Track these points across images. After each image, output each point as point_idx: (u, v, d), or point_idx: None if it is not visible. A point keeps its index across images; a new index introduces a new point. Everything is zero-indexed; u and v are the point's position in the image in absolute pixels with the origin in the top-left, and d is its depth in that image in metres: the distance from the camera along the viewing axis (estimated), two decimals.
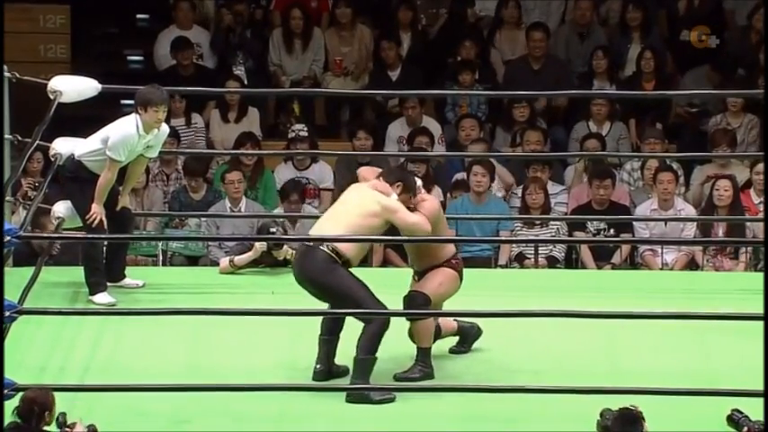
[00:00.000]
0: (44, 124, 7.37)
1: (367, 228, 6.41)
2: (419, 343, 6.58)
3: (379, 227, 6.45)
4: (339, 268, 6.36)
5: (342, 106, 11.21)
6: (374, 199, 6.46)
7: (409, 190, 6.53)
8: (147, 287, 7.60)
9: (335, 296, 6.38)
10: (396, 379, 6.53)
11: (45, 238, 7.87)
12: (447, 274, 6.60)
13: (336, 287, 6.35)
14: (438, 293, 6.57)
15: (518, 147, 10.26)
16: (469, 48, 11.07)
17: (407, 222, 6.44)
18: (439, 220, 6.61)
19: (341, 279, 6.34)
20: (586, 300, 7.33)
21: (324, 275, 6.35)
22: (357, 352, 6.37)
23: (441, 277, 6.59)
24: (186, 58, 10.95)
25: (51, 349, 6.76)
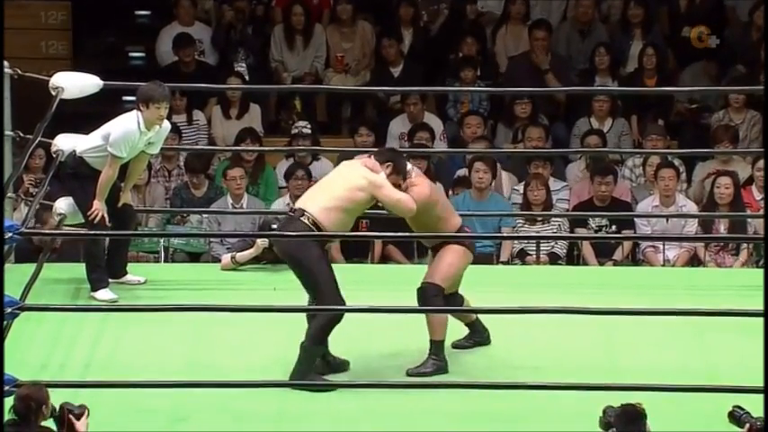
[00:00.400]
0: (46, 121, 7.37)
1: (352, 201, 6.42)
2: (432, 335, 6.57)
3: (364, 201, 6.46)
4: (314, 247, 6.36)
5: (343, 103, 11.21)
6: (361, 173, 6.48)
7: (399, 171, 6.52)
8: (148, 284, 7.60)
9: (304, 277, 6.41)
10: (408, 374, 6.53)
11: (47, 234, 7.87)
12: (455, 251, 6.58)
13: (306, 268, 6.36)
14: (449, 276, 6.57)
15: (519, 143, 10.26)
16: (471, 44, 11.06)
17: (392, 198, 6.43)
18: (433, 204, 6.57)
19: (310, 261, 6.34)
20: (588, 296, 7.33)
21: (297, 251, 6.38)
22: (305, 339, 6.38)
23: (449, 257, 6.58)
24: (188, 54, 10.95)
25: (53, 346, 6.76)
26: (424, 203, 6.54)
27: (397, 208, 6.48)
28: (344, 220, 6.45)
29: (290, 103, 10.95)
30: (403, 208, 6.47)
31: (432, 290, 6.53)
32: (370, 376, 6.48)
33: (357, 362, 6.66)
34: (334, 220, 6.40)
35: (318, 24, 11.31)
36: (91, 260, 7.36)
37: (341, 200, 6.41)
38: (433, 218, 6.59)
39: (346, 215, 6.45)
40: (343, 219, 6.44)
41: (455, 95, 10.89)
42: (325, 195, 6.44)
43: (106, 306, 7.17)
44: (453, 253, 6.58)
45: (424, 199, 6.54)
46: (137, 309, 6.94)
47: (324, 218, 6.39)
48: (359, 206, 6.47)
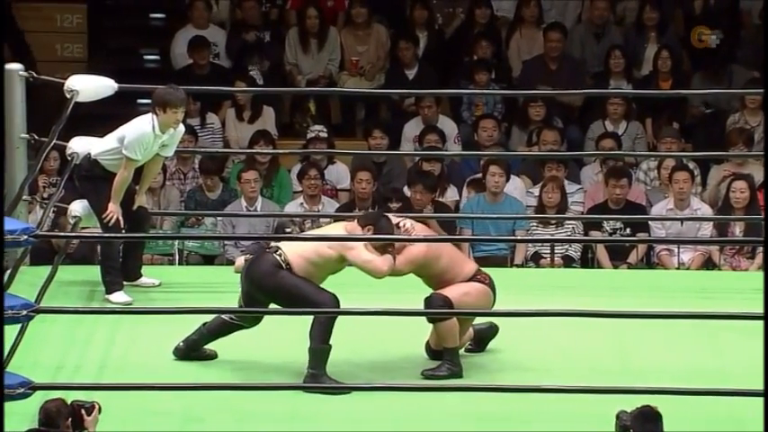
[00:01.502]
0: (61, 123, 7.39)
1: (321, 255, 6.40)
2: (444, 343, 6.56)
3: (333, 259, 6.42)
4: (280, 271, 6.40)
5: (357, 105, 11.21)
6: (336, 233, 6.54)
7: (380, 231, 6.45)
8: (163, 286, 7.62)
9: (283, 297, 6.42)
10: (423, 375, 6.53)
11: (62, 236, 7.89)
12: (474, 286, 6.56)
13: (282, 288, 6.39)
14: (462, 302, 6.50)
15: (534, 146, 10.26)
16: (485, 47, 11.06)
17: (361, 259, 6.39)
18: (433, 259, 6.50)
19: (283, 279, 6.38)
20: (602, 299, 7.32)
21: (266, 278, 6.41)
22: (310, 341, 6.39)
23: (467, 288, 6.54)
24: (202, 57, 10.97)
25: (67, 348, 6.78)
26: (424, 260, 6.50)
27: (366, 270, 6.45)
28: (313, 272, 6.44)
29: (304, 105, 10.96)
30: (372, 270, 6.43)
31: (438, 299, 6.50)
32: (382, 378, 6.48)
33: (370, 364, 6.66)
34: (303, 267, 6.42)
35: (333, 27, 11.31)
36: (106, 262, 7.38)
37: (311, 252, 6.43)
38: (438, 271, 6.55)
39: (315, 268, 6.44)
40: (312, 271, 6.43)
41: (469, 98, 10.88)
42: (301, 244, 6.50)
43: (120, 308, 7.18)
44: (471, 286, 6.55)
45: (420, 258, 6.50)
46: (151, 311, 6.95)
47: (294, 262, 6.42)
48: (327, 262, 6.44)
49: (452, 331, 6.54)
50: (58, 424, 5.34)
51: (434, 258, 6.52)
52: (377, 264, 6.39)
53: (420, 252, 6.49)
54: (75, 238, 7.89)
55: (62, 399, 5.46)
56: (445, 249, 6.58)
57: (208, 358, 6.67)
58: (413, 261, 6.50)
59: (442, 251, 6.55)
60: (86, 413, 5.44)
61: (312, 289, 6.40)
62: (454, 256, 6.63)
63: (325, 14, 11.31)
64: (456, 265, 6.58)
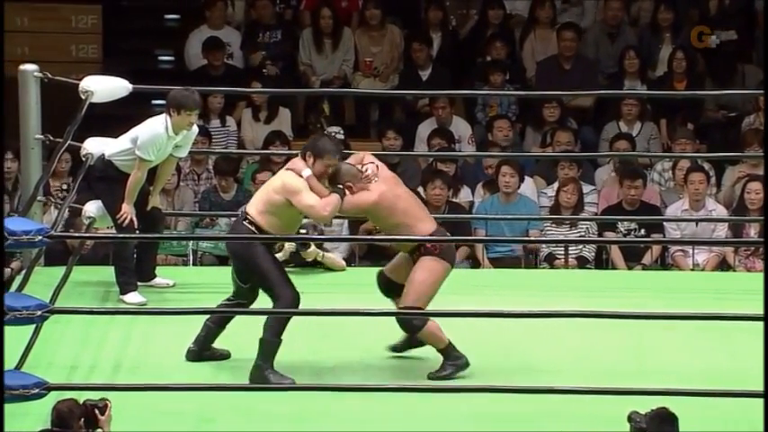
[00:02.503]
0: (75, 124, 7.40)
1: (273, 204, 6.46)
2: (435, 347, 6.56)
3: (283, 205, 6.45)
4: (258, 245, 6.44)
5: (371, 106, 11.22)
6: (281, 176, 6.54)
7: (321, 155, 6.44)
8: (177, 287, 7.62)
9: (255, 278, 6.48)
10: (429, 378, 6.52)
11: (76, 237, 7.90)
12: (426, 267, 6.50)
13: (254, 267, 6.44)
14: (423, 294, 6.48)
15: (548, 147, 10.25)
16: (500, 48, 11.05)
17: (303, 204, 6.41)
18: (387, 210, 6.48)
19: (255, 257, 6.44)
20: (616, 300, 7.30)
21: (242, 249, 6.48)
22: (263, 332, 6.41)
23: (420, 274, 6.49)
24: (217, 58, 10.98)
25: (82, 348, 6.78)
26: (374, 210, 6.50)
27: (308, 214, 6.49)
28: (278, 221, 6.48)
29: (318, 106, 10.96)
30: (314, 215, 6.47)
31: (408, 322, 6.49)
32: (393, 380, 6.49)
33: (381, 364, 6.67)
34: (269, 223, 6.48)
35: (347, 28, 11.32)
36: (120, 263, 7.38)
37: (266, 204, 6.50)
38: (390, 224, 6.53)
39: (277, 217, 6.48)
40: (276, 220, 6.48)
41: (483, 99, 10.88)
42: (258, 199, 6.56)
43: (135, 309, 7.19)
44: (424, 270, 6.50)
45: (368, 205, 6.48)
46: (165, 312, 6.96)
47: (261, 220, 6.49)
48: (280, 209, 6.47)
49: (434, 334, 6.53)
50: (71, 425, 5.34)
51: (386, 210, 6.49)
52: (317, 209, 6.40)
53: (369, 200, 6.48)
54: (89, 239, 7.89)
55: (74, 399, 5.46)
56: (401, 204, 6.53)
57: (221, 358, 6.68)
58: (359, 206, 6.51)
59: (397, 206, 6.51)
60: (100, 412, 5.44)
61: (279, 280, 6.44)
62: (410, 213, 6.55)
63: (339, 15, 11.31)
64: (413, 221, 6.53)
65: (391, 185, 6.58)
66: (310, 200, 6.41)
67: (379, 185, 6.51)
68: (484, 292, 7.67)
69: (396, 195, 6.53)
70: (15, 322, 5.96)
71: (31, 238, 5.96)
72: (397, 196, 6.54)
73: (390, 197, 6.51)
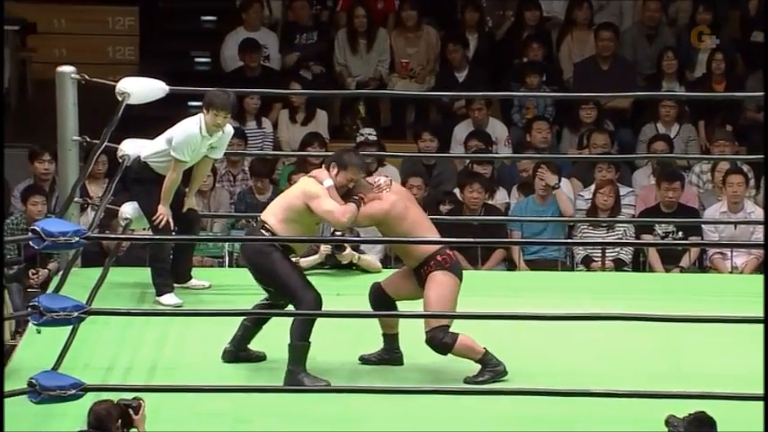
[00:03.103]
0: (112, 126, 7.42)
1: (292, 210, 6.48)
2: (473, 359, 6.54)
3: (302, 210, 6.48)
4: (274, 252, 6.44)
5: (407, 108, 11.20)
6: (300, 185, 6.58)
7: (345, 167, 6.49)
8: (213, 288, 7.63)
9: (273, 283, 6.50)
10: (465, 382, 6.51)
11: (112, 238, 7.92)
12: (437, 284, 6.47)
13: (273, 273, 6.46)
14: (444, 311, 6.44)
15: (585, 149, 10.20)
16: (537, 49, 11.02)
17: (321, 209, 6.44)
18: (395, 221, 6.50)
19: (275, 264, 6.44)
20: (654, 303, 7.26)
21: (256, 256, 6.49)
22: (290, 338, 6.42)
23: (433, 293, 6.47)
24: (253, 59, 10.99)
25: (118, 349, 6.80)
26: (385, 218, 6.51)
27: (328, 220, 6.50)
28: (297, 229, 6.50)
29: (354, 108, 10.95)
30: (331, 220, 6.49)
31: (437, 337, 6.46)
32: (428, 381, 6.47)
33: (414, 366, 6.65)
34: (288, 231, 6.49)
35: (382, 29, 11.31)
36: (156, 265, 7.39)
37: (286, 210, 6.52)
38: (399, 233, 6.53)
39: (297, 224, 6.50)
40: (295, 228, 6.50)
41: (520, 101, 10.84)
42: (276, 207, 6.58)
43: (171, 310, 7.20)
44: (437, 286, 6.47)
45: (381, 214, 6.50)
46: (201, 313, 6.96)
47: (279, 229, 6.50)
48: (300, 215, 6.49)
49: (468, 347, 6.51)
50: (109, 426, 5.35)
51: (396, 218, 6.51)
52: (336, 215, 6.43)
53: (381, 210, 6.51)
54: (125, 240, 7.91)
55: (111, 400, 5.47)
56: (410, 215, 6.56)
57: (257, 360, 6.68)
58: (372, 216, 6.54)
59: (407, 216, 6.54)
60: (134, 412, 5.45)
61: (299, 284, 6.45)
62: (418, 225, 6.57)
63: (375, 16, 11.31)
64: (422, 233, 6.53)
65: (402, 197, 6.63)
66: (329, 205, 6.43)
67: (390, 195, 6.57)
68: (520, 294, 7.64)
69: (406, 207, 6.58)
70: (52, 323, 5.98)
71: (68, 240, 5.97)
72: (407, 208, 6.58)
73: (401, 207, 6.55)
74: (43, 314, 5.93)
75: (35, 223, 6.11)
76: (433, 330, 6.46)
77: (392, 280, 6.70)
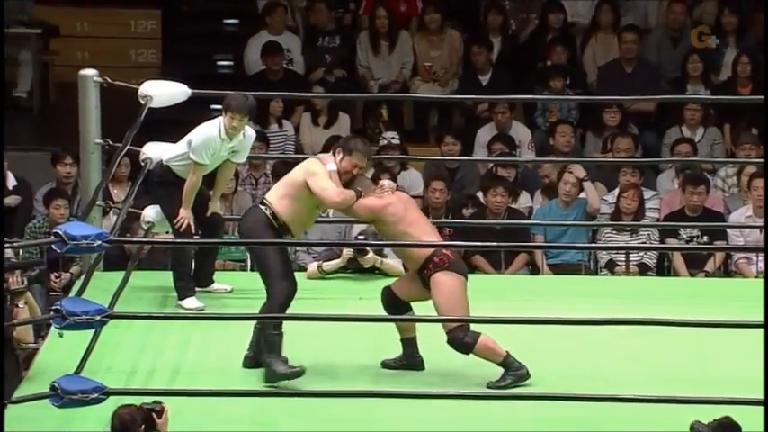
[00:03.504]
0: (134, 129, 7.41)
1: (293, 186, 6.55)
2: (494, 362, 6.51)
3: (301, 186, 6.54)
4: (266, 232, 6.51)
5: (430, 111, 11.17)
6: (304, 163, 6.66)
7: (350, 151, 6.53)
8: (234, 292, 7.62)
9: (255, 260, 6.66)
10: (488, 387, 6.48)
11: (134, 242, 7.92)
12: (442, 287, 6.45)
13: (259, 257, 6.56)
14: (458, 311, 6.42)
15: (608, 153, 10.15)
16: (560, 52, 10.98)
17: (318, 186, 6.49)
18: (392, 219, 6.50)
19: (264, 250, 6.52)
20: (679, 308, 7.21)
21: (249, 233, 6.59)
22: (264, 328, 6.48)
23: (441, 295, 6.45)
24: (276, 63, 10.99)
25: (140, 353, 6.79)
26: (383, 215, 6.52)
27: (321, 197, 6.51)
28: (296, 207, 6.56)
29: (376, 111, 10.93)
30: (327, 199, 6.51)
31: (457, 337, 6.45)
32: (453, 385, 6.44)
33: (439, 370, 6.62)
34: (286, 207, 6.56)
35: (405, 31, 11.29)
36: (178, 268, 7.38)
37: (287, 186, 6.60)
38: (396, 232, 6.53)
39: (296, 202, 6.56)
40: (295, 206, 6.55)
41: (543, 104, 10.81)
42: (280, 185, 6.67)
43: (193, 314, 7.19)
44: (442, 288, 6.45)
45: (379, 209, 6.52)
46: (222, 317, 6.95)
47: (278, 206, 6.57)
48: (299, 192, 6.55)
49: (489, 349, 6.48)
50: (133, 431, 5.33)
51: (394, 217, 6.52)
52: (330, 192, 6.49)
53: (379, 205, 6.53)
54: (147, 244, 7.91)
55: (134, 405, 5.46)
56: (408, 217, 6.56)
57: None
58: (370, 209, 6.55)
59: (405, 218, 6.55)
60: (157, 416, 5.44)
61: (277, 273, 6.50)
62: (417, 225, 6.57)
63: (398, 19, 11.29)
64: (416, 237, 6.53)
65: (403, 200, 6.64)
66: (325, 183, 6.49)
67: (390, 197, 6.60)
68: (543, 298, 7.60)
69: (405, 209, 6.59)
70: (75, 327, 5.98)
71: (90, 243, 5.97)
72: (407, 210, 6.60)
73: (400, 208, 6.58)
74: (65, 318, 5.93)
75: (57, 227, 6.12)
76: (453, 331, 6.45)
77: (401, 283, 6.71)
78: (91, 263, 7.21)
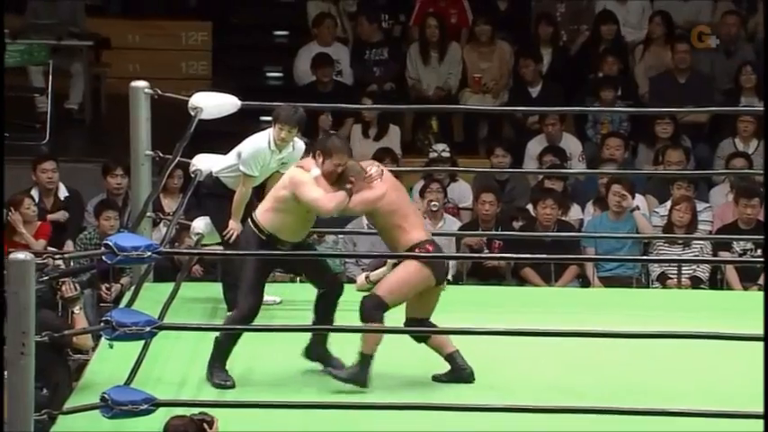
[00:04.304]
0: (184, 141, 7.43)
1: (279, 200, 6.49)
2: (362, 347, 6.47)
3: (290, 199, 6.46)
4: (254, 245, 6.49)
5: (480, 123, 11.14)
6: (288, 174, 6.58)
7: (329, 153, 6.45)
8: (284, 303, 7.61)
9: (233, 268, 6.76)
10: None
11: (184, 253, 7.93)
12: (406, 267, 6.44)
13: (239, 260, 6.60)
14: (394, 290, 6.43)
15: (660, 165, 10.08)
16: (611, 63, 10.92)
17: (307, 197, 6.41)
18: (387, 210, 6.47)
19: (246, 262, 6.52)
20: (732, 321, 7.11)
21: (237, 246, 6.67)
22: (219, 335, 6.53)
23: (400, 272, 6.45)
24: (326, 74, 11.00)
25: (190, 364, 6.79)
26: (375, 206, 6.50)
27: (313, 207, 6.47)
28: (282, 220, 6.49)
29: (426, 123, 10.91)
30: (319, 207, 6.45)
31: (369, 302, 6.45)
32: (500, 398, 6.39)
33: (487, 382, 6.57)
34: (270, 220, 6.50)
35: (455, 42, 11.27)
36: (227, 279, 7.38)
37: (272, 200, 6.56)
38: (389, 224, 6.51)
39: (283, 215, 6.49)
40: (280, 218, 6.49)
41: (594, 116, 10.75)
42: (266, 199, 6.64)
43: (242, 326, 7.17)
44: (404, 268, 6.45)
45: (375, 199, 6.48)
46: (272, 329, 6.94)
47: (262, 219, 6.53)
48: (287, 205, 6.47)
49: (374, 337, 6.43)
50: None
51: (389, 206, 6.48)
52: (322, 202, 6.42)
53: (374, 196, 6.48)
54: (197, 255, 7.92)
55: (187, 416, 5.45)
56: (402, 206, 6.54)
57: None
58: (365, 202, 6.50)
59: (399, 207, 6.52)
60: (208, 426, 5.44)
61: (248, 288, 6.50)
62: (409, 218, 6.55)
63: (449, 31, 11.27)
64: (409, 226, 6.51)
65: (395, 188, 6.61)
66: (314, 192, 6.42)
67: (383, 184, 6.54)
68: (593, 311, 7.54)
69: (398, 197, 6.57)
70: (125, 338, 5.99)
71: (140, 254, 5.98)
72: (399, 197, 6.58)
73: (393, 197, 6.55)
74: (116, 329, 5.94)
75: (108, 238, 6.12)
76: (370, 296, 6.46)
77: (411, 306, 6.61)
78: (141, 274, 7.22)
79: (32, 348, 5.72)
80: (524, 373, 6.54)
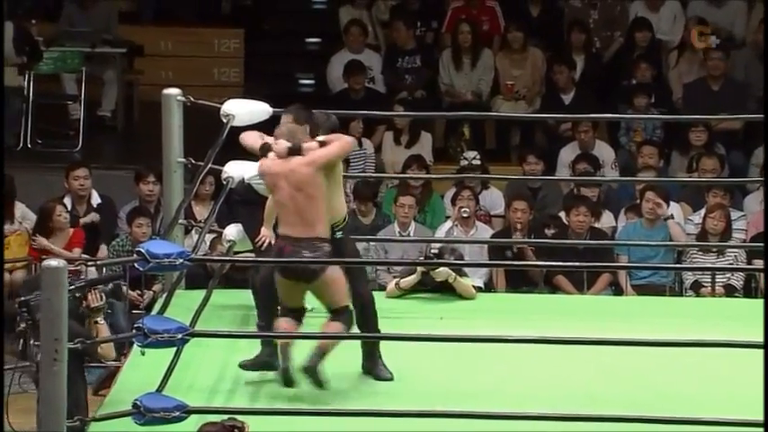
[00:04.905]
0: (217, 147, 7.43)
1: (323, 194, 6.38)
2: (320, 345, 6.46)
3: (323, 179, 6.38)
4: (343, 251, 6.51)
5: (512, 130, 11.11)
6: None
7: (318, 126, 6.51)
8: (315, 311, 7.59)
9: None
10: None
11: (216, 260, 7.93)
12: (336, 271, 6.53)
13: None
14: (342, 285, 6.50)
15: (694, 172, 10.03)
16: (645, 70, 10.87)
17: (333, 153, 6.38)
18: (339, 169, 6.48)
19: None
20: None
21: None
22: None
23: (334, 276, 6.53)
24: (358, 81, 11.00)
25: (222, 371, 6.79)
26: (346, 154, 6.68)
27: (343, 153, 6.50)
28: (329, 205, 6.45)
29: (458, 129, 10.90)
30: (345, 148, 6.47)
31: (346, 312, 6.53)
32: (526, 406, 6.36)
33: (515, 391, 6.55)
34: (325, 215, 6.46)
35: (487, 49, 11.25)
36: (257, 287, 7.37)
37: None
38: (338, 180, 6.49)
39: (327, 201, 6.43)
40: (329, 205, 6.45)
41: (627, 123, 10.70)
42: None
43: (274, 333, 7.16)
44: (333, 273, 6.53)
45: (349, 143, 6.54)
46: (303, 336, 6.92)
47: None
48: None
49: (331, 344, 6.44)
50: None
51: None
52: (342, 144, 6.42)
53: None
54: (228, 262, 7.92)
55: (220, 422, 5.45)
56: None
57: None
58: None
59: None
60: None
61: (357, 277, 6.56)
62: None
63: (481, 38, 11.25)
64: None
65: None
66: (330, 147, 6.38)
67: None
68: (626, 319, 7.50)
69: None
70: (156, 345, 5.99)
71: (172, 261, 5.98)
72: None
73: None
74: (147, 336, 5.94)
75: (140, 245, 6.13)
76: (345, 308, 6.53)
77: None
78: (173, 281, 7.23)
79: (65, 355, 5.73)
80: (554, 381, 6.51)
